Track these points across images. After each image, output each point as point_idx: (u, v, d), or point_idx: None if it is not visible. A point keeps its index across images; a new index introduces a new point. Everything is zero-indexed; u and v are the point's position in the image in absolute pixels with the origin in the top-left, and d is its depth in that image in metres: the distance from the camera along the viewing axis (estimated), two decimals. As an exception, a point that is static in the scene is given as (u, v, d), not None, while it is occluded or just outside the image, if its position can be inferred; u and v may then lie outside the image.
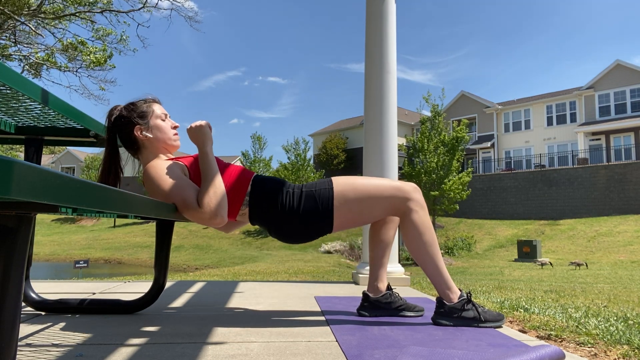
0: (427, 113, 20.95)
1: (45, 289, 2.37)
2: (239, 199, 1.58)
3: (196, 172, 1.53)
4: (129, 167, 1.68)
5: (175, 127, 1.64)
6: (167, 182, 1.45)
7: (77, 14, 12.14)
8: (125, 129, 1.57)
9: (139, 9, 12.66)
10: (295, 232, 1.60)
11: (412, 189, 1.63)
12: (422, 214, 1.62)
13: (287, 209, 1.56)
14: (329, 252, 17.99)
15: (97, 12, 12.24)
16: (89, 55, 12.07)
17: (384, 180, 1.65)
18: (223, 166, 1.60)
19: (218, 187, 1.45)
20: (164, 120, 1.61)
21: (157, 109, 1.62)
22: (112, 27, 12.63)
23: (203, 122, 1.54)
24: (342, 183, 1.60)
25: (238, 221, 1.68)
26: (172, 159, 1.57)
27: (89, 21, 12.25)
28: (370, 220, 1.65)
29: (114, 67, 12.87)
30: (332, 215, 1.57)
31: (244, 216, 1.62)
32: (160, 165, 1.50)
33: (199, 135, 1.53)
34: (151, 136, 1.57)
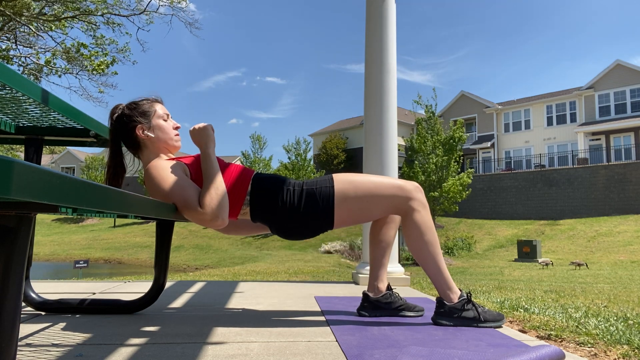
0: (424, 114, 21.01)
1: (45, 289, 2.37)
2: (239, 198, 1.58)
3: (197, 171, 1.53)
4: (131, 166, 1.68)
5: (176, 128, 1.65)
6: (168, 182, 1.45)
7: (76, 17, 12.12)
8: (127, 128, 1.57)
9: (140, 14, 12.64)
10: (296, 229, 1.59)
11: (414, 188, 1.62)
12: (424, 214, 1.62)
13: (287, 206, 1.56)
14: (329, 252, 17.99)
15: (97, 15, 12.22)
16: (89, 58, 12.05)
17: (386, 178, 1.64)
18: (223, 166, 1.60)
19: (220, 188, 1.45)
20: (165, 121, 1.61)
21: (159, 108, 1.62)
22: (113, 37, 12.63)
23: (206, 124, 1.54)
24: (343, 180, 1.59)
25: (239, 224, 1.68)
26: (173, 159, 1.58)
27: (89, 25, 12.23)
28: (371, 218, 1.65)
29: (116, 73, 12.83)
30: (333, 212, 1.56)
31: (245, 215, 1.62)
32: (161, 165, 1.50)
33: (201, 137, 1.53)
34: (153, 136, 1.57)
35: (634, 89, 25.26)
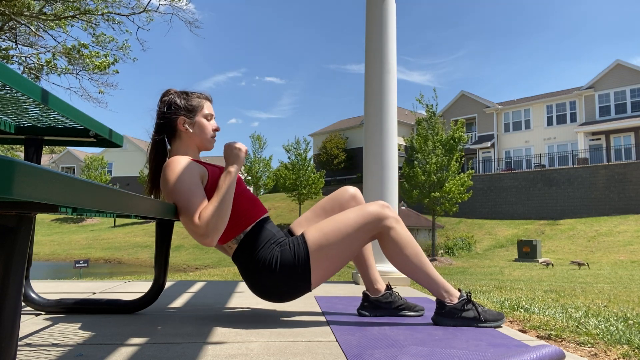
0: (424, 114, 20.98)
1: (45, 289, 2.37)
2: (235, 230, 1.56)
3: (215, 183, 1.53)
4: (131, 166, 1.69)
5: (215, 130, 1.68)
6: (179, 180, 1.45)
7: (77, 17, 12.11)
8: (171, 115, 1.61)
9: (140, 13, 12.62)
10: (270, 289, 1.56)
11: (380, 208, 1.59)
12: (398, 229, 1.59)
13: (266, 265, 1.53)
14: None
15: (97, 15, 12.21)
16: (90, 58, 12.04)
17: (351, 211, 1.59)
18: (242, 189, 1.59)
19: (224, 211, 1.44)
20: (208, 120, 1.65)
21: (207, 107, 1.66)
22: (113, 35, 12.61)
23: (244, 147, 1.56)
24: (312, 233, 1.56)
25: (224, 248, 1.67)
26: (200, 161, 1.58)
27: (89, 24, 12.22)
28: (353, 256, 1.62)
29: (117, 72, 12.81)
30: (309, 269, 1.53)
31: (229, 249, 1.60)
32: (182, 162, 1.51)
33: (232, 154, 1.54)
34: (191, 131, 1.61)
35: (634, 89, 25.26)
